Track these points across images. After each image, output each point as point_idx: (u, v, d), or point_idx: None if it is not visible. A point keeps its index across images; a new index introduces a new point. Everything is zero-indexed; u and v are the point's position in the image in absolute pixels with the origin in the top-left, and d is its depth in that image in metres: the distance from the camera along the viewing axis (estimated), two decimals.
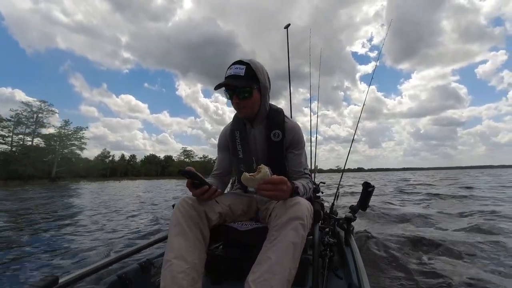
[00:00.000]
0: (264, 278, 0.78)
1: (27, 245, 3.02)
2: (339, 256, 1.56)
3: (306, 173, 1.20)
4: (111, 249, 2.78)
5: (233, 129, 1.26)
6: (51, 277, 0.86)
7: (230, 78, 1.09)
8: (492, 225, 3.32)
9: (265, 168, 0.88)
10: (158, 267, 1.33)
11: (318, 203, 1.37)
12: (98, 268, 1.04)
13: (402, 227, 3.59)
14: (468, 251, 2.44)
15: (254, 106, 1.15)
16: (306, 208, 0.91)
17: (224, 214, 1.09)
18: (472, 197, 6.74)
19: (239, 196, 1.24)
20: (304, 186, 1.07)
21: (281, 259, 0.81)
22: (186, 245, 0.91)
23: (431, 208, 5.38)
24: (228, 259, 1.26)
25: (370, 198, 1.67)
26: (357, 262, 1.16)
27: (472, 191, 8.67)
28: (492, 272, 1.97)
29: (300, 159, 1.20)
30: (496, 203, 5.57)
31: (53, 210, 6.40)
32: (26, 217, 5.24)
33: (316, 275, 0.99)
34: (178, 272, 0.84)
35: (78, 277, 0.95)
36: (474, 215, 4.29)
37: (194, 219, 0.96)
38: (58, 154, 39.20)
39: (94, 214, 5.66)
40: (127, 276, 1.17)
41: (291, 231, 0.85)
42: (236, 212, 1.16)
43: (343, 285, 1.27)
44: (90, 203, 8.23)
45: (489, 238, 2.78)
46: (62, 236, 3.50)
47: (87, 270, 1.00)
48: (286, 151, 1.21)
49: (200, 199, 1.00)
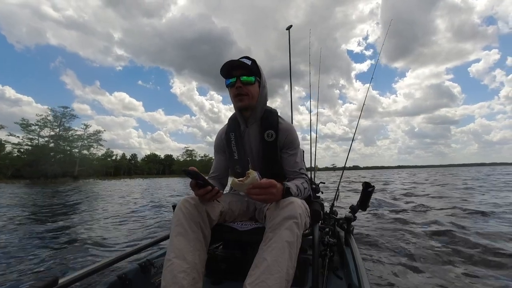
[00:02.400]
0: (261, 279, 0.78)
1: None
2: (339, 256, 1.56)
3: (302, 173, 1.20)
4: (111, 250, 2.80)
5: (228, 131, 1.27)
6: (51, 278, 0.86)
7: (236, 65, 1.14)
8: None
9: (253, 173, 0.88)
10: (158, 267, 1.33)
11: (318, 203, 1.37)
12: (98, 268, 1.04)
13: (402, 227, 3.59)
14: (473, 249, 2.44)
15: (254, 97, 1.18)
16: (299, 206, 0.91)
17: (224, 213, 1.10)
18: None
19: (238, 196, 1.24)
20: (298, 186, 1.07)
21: (277, 259, 0.81)
22: (187, 245, 0.91)
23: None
24: (228, 259, 1.26)
25: (370, 198, 1.68)
26: (357, 262, 1.16)
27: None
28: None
29: (295, 159, 1.21)
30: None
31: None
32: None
33: (316, 275, 0.99)
34: (178, 272, 0.84)
35: (78, 278, 0.95)
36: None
37: (196, 219, 0.96)
38: (80, 155, 43.54)
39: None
40: (127, 276, 1.17)
41: (286, 231, 0.85)
42: (235, 211, 1.17)
43: (343, 285, 1.27)
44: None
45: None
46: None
47: (87, 270, 1.00)
48: (281, 151, 1.22)
49: (203, 199, 1.01)
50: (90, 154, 45.96)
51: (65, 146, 42.09)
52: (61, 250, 2.73)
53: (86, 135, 45.08)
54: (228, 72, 1.17)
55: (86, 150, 45.18)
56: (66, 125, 42.45)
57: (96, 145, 46.15)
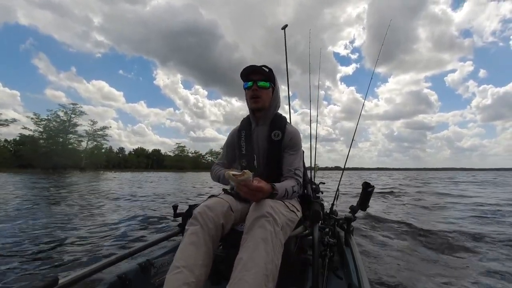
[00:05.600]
0: (238, 277, 0.81)
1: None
2: (339, 256, 1.56)
3: (296, 173, 1.25)
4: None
5: (240, 129, 1.40)
6: (51, 278, 0.86)
7: (255, 70, 1.28)
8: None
9: (249, 174, 0.93)
10: (157, 268, 1.33)
11: (318, 203, 1.37)
12: (98, 268, 1.04)
13: (401, 227, 3.59)
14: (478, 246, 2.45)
15: (267, 100, 1.30)
16: (268, 205, 0.95)
17: (235, 222, 1.13)
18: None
19: (244, 201, 1.23)
20: (287, 190, 1.12)
21: (251, 256, 0.84)
22: (197, 257, 0.92)
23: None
24: (228, 259, 1.26)
25: (370, 198, 1.67)
26: (357, 262, 1.16)
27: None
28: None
29: (294, 160, 1.27)
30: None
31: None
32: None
33: (316, 275, 0.99)
34: (183, 283, 0.84)
35: (78, 278, 0.95)
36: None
37: (210, 232, 0.98)
38: (88, 149, 47.23)
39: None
40: (127, 277, 1.17)
41: (258, 229, 0.89)
42: (243, 217, 1.18)
43: (343, 285, 1.27)
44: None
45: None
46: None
47: (87, 270, 1.00)
48: (284, 151, 1.29)
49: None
50: (96, 148, 49.18)
51: (72, 140, 45.11)
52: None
53: (92, 131, 48.03)
54: (247, 76, 1.30)
55: (91, 145, 48.01)
56: (75, 121, 45.18)
57: (100, 139, 49.48)
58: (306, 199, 1.42)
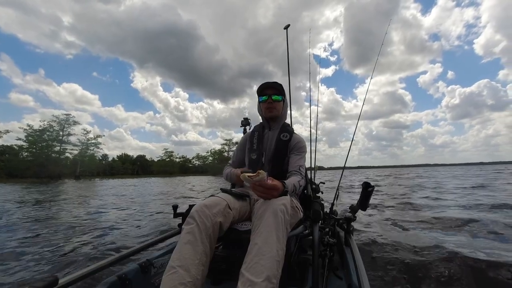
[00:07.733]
0: (254, 261, 0.84)
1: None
2: (339, 256, 1.56)
3: (301, 170, 1.40)
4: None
5: (254, 130, 1.62)
6: (51, 278, 0.86)
7: (270, 85, 1.51)
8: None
9: (263, 174, 0.99)
10: (158, 268, 1.33)
11: (318, 203, 1.37)
12: (98, 268, 1.04)
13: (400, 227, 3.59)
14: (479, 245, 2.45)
15: (279, 111, 1.55)
16: (282, 197, 1.04)
17: (234, 221, 1.13)
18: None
19: (242, 199, 1.25)
20: (295, 185, 1.24)
21: (266, 241, 0.89)
22: (194, 256, 0.91)
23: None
24: (228, 259, 1.26)
25: (370, 198, 1.67)
26: (357, 262, 1.16)
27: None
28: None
29: (299, 160, 1.43)
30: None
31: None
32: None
33: (316, 275, 0.99)
34: (179, 283, 0.84)
35: (78, 278, 0.95)
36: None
37: (208, 231, 0.98)
38: (82, 157, 47.20)
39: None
40: (127, 277, 1.17)
41: (270, 216, 0.95)
42: (242, 215, 1.21)
43: (343, 285, 1.27)
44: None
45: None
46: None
47: (87, 270, 1.00)
48: (290, 152, 1.47)
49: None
50: (90, 156, 49.15)
51: (65, 149, 45.32)
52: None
53: (86, 140, 48.58)
54: (262, 91, 1.53)
55: (85, 153, 48.08)
56: (68, 130, 45.34)
57: (93, 148, 49.84)
58: (306, 199, 1.42)
